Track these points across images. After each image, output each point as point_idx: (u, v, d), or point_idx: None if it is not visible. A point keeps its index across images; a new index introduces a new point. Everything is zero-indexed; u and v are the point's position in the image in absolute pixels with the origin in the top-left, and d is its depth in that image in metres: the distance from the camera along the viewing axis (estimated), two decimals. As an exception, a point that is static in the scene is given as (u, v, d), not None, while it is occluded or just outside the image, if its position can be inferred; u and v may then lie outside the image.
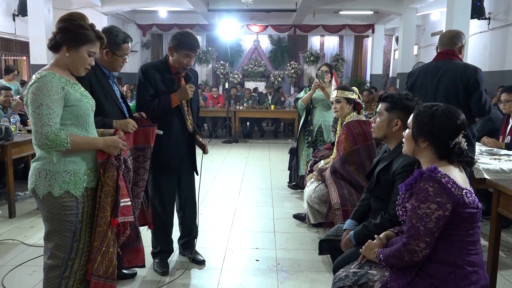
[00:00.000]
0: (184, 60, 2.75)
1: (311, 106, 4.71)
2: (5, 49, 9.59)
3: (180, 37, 2.74)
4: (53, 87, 1.81)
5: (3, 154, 4.03)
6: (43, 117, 1.78)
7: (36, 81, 1.81)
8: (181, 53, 2.73)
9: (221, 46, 13.68)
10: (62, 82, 1.85)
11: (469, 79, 3.01)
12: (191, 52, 2.74)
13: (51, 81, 1.81)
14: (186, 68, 2.81)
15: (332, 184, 3.38)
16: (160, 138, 2.64)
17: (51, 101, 1.79)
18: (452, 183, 1.60)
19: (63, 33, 1.88)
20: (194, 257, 3.12)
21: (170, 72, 2.82)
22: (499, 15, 8.53)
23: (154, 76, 2.77)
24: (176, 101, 2.77)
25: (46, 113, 1.78)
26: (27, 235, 3.65)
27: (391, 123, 2.15)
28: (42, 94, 1.78)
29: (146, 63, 2.92)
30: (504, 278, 2.93)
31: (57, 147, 1.79)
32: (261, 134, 10.52)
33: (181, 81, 2.86)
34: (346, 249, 2.23)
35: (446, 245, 1.63)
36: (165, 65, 2.82)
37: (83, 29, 1.90)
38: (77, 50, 1.90)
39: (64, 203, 1.88)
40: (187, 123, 2.90)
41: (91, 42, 1.92)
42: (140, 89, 2.77)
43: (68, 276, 1.95)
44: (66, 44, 1.88)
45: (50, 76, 1.82)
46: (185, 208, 3.08)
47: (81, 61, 1.92)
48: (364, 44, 15.49)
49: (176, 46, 2.73)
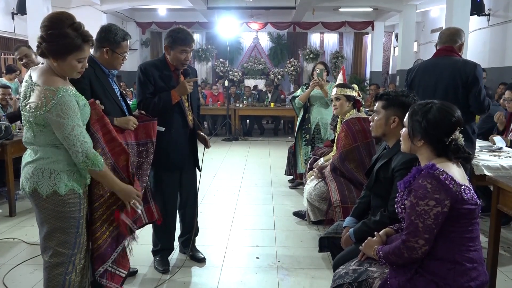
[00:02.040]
0: (181, 56, 2.77)
1: (309, 104, 4.71)
2: (4, 48, 9.57)
3: (173, 34, 2.77)
4: (74, 105, 1.83)
5: (3, 153, 4.04)
6: (79, 136, 1.83)
7: (57, 103, 1.78)
8: (177, 50, 2.75)
9: (220, 44, 13.65)
10: (72, 95, 1.86)
11: (468, 75, 3.01)
12: (186, 46, 2.76)
13: (70, 100, 1.82)
14: (185, 64, 2.83)
15: (332, 181, 3.38)
16: (161, 135, 2.64)
17: (78, 120, 1.85)
18: (450, 179, 1.60)
19: (46, 44, 1.79)
20: (194, 255, 3.13)
21: (169, 69, 2.84)
22: (499, 11, 8.51)
23: (153, 73, 2.79)
24: (176, 97, 2.78)
25: (79, 132, 1.84)
26: (27, 233, 3.66)
27: (388, 121, 2.16)
28: (69, 116, 1.80)
29: (145, 62, 2.94)
30: (504, 274, 2.94)
31: (93, 166, 1.87)
32: (261, 132, 10.52)
33: (180, 78, 2.87)
34: (346, 246, 2.24)
35: (445, 242, 1.64)
36: (163, 63, 2.84)
37: (66, 38, 1.78)
38: (64, 60, 1.83)
39: (69, 200, 1.91)
40: (187, 119, 2.91)
41: (78, 50, 1.82)
42: (140, 87, 2.79)
43: (71, 271, 1.98)
44: (51, 55, 1.81)
45: (67, 94, 1.82)
46: (186, 205, 3.08)
47: (71, 69, 1.87)
48: (364, 41, 15.47)
49: (171, 44, 2.76)
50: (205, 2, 10.94)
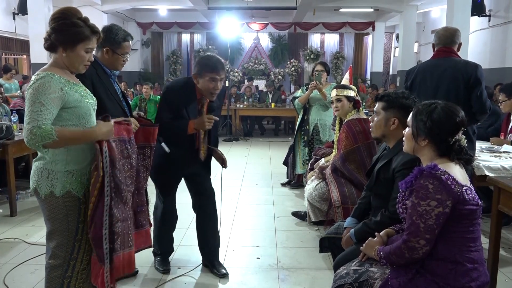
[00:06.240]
0: (210, 85, 2.56)
1: (308, 105, 4.72)
2: (5, 48, 9.59)
3: (201, 60, 2.60)
4: (51, 86, 1.78)
5: (4, 153, 4.03)
6: (33, 114, 1.72)
7: (35, 82, 1.79)
8: (206, 78, 2.55)
9: (221, 44, 13.65)
10: (61, 82, 1.82)
11: (470, 76, 3.01)
12: (216, 74, 2.55)
13: (49, 81, 1.79)
14: (214, 94, 2.62)
15: (332, 182, 3.38)
16: (167, 154, 2.62)
17: (46, 99, 1.75)
18: (452, 180, 1.60)
19: (56, 34, 1.83)
20: (218, 269, 2.93)
21: (195, 97, 2.65)
22: (500, 12, 8.51)
23: (177, 98, 2.64)
24: (192, 129, 2.63)
25: (37, 110, 1.73)
26: (28, 233, 3.66)
27: (388, 122, 2.16)
28: (38, 93, 1.75)
29: (173, 83, 2.80)
30: (504, 275, 2.94)
31: (42, 140, 1.69)
32: (262, 132, 10.52)
33: (204, 108, 2.70)
34: (346, 247, 2.24)
35: (446, 242, 1.64)
36: (191, 88, 2.64)
37: (76, 27, 1.83)
38: (73, 49, 1.85)
39: (66, 203, 1.88)
40: (199, 152, 2.77)
41: (87, 39, 1.86)
42: (161, 106, 2.70)
43: (70, 275, 1.94)
44: (61, 45, 1.84)
45: (49, 76, 1.80)
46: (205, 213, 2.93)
47: (79, 59, 1.89)
48: (365, 42, 15.47)
49: (199, 71, 2.57)
50: (205, 3, 10.95)
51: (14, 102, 5.97)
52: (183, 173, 2.88)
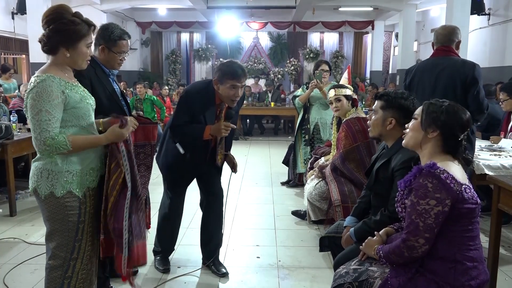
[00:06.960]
0: (230, 92, 2.54)
1: (308, 104, 4.71)
2: (4, 47, 9.57)
3: (222, 67, 2.57)
4: (53, 91, 1.77)
5: (3, 152, 4.03)
6: (42, 123, 1.75)
7: (35, 86, 1.77)
8: (226, 84, 2.52)
9: (220, 44, 13.67)
10: (62, 85, 1.81)
11: (467, 75, 3.00)
12: (237, 81, 2.52)
13: (50, 86, 1.77)
14: (234, 100, 2.60)
15: (332, 181, 3.38)
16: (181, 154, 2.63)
17: (51, 107, 1.76)
18: (451, 178, 1.60)
19: (56, 35, 1.81)
20: (217, 268, 2.95)
21: (213, 102, 2.63)
22: (499, 10, 8.51)
23: (196, 103, 2.62)
24: (208, 135, 2.61)
25: (45, 119, 1.75)
26: (28, 233, 3.66)
27: (385, 122, 2.16)
28: (42, 100, 1.75)
29: (193, 86, 2.79)
30: (504, 273, 2.94)
31: (57, 150, 1.77)
32: (261, 132, 10.52)
33: (222, 113, 2.69)
34: (346, 246, 2.24)
35: (446, 241, 1.64)
36: (210, 93, 2.62)
37: (75, 24, 1.83)
38: (75, 47, 1.85)
39: (66, 203, 1.87)
40: (216, 157, 2.79)
41: (87, 35, 1.87)
42: (178, 109, 2.68)
43: (70, 276, 1.93)
44: (63, 45, 1.84)
45: (50, 80, 1.78)
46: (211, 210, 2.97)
47: (82, 56, 1.89)
48: (364, 41, 15.47)
49: (220, 78, 2.54)
50: (205, 2, 10.94)
51: (14, 103, 5.96)
52: (194, 174, 2.89)
